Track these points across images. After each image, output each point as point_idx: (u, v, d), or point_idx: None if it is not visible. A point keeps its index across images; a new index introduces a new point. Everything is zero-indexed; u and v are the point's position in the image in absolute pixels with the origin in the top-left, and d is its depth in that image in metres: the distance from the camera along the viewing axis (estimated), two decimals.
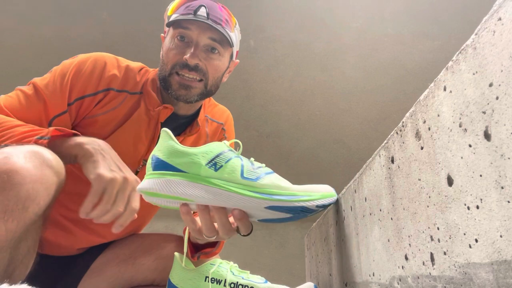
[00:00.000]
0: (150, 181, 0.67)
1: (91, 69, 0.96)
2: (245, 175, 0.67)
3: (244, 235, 0.73)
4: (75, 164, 0.83)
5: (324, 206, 0.71)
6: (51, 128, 0.82)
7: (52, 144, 0.79)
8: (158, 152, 0.69)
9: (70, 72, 0.94)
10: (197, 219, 0.74)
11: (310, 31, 2.80)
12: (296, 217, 0.71)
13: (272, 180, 0.68)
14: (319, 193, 0.71)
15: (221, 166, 0.66)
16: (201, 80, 0.97)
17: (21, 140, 0.77)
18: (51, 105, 0.91)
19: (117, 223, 0.80)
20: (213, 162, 0.66)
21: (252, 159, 0.71)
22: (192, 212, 0.72)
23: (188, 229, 0.86)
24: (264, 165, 0.72)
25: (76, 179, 0.93)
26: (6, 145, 0.74)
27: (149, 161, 0.68)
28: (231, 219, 0.74)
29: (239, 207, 0.67)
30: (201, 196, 0.65)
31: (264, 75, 2.71)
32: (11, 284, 0.57)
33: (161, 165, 0.67)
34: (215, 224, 0.72)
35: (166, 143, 0.68)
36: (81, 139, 0.83)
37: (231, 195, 0.65)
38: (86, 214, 0.78)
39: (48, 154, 0.74)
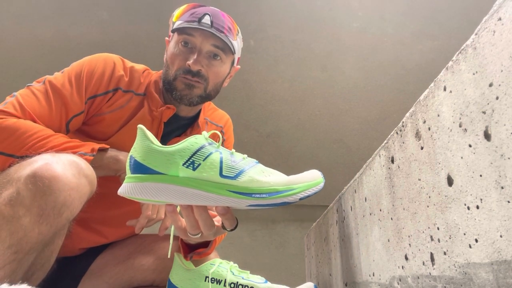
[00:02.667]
0: (129, 186, 0.65)
1: (102, 69, 0.99)
2: (224, 173, 0.65)
3: (229, 230, 0.73)
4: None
5: (308, 196, 0.69)
6: (92, 145, 0.86)
7: (94, 159, 0.84)
8: (134, 152, 0.67)
9: (83, 72, 0.97)
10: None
11: (310, 31, 2.80)
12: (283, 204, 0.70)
13: (253, 176, 0.65)
14: (302, 184, 0.67)
15: (199, 164, 0.65)
16: (201, 83, 1.01)
17: (63, 151, 0.80)
18: (71, 105, 0.93)
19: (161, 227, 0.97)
20: (191, 161, 0.65)
21: (233, 150, 0.69)
22: (178, 210, 0.72)
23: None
24: (245, 156, 0.69)
25: None
26: (46, 151, 0.77)
27: (128, 161, 0.67)
28: (217, 218, 0.76)
29: (220, 206, 0.67)
30: (181, 199, 0.65)
31: (264, 75, 2.71)
32: (11, 284, 0.58)
33: (138, 168, 0.65)
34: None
35: (142, 142, 0.67)
36: (118, 154, 0.92)
37: (211, 196, 0.64)
38: (141, 229, 0.95)
39: (84, 164, 0.78)
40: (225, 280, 0.91)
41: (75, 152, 0.81)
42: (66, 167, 0.73)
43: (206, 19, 0.97)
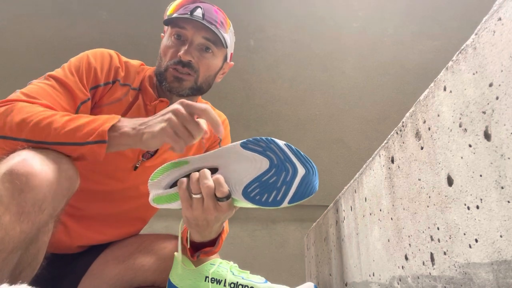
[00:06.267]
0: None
1: (101, 61, 1.00)
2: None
3: (220, 199, 0.77)
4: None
5: (296, 152, 0.77)
6: (98, 126, 0.78)
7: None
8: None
9: (82, 64, 0.98)
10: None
11: (310, 31, 2.80)
12: (276, 169, 0.75)
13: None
14: None
15: None
16: (191, 75, 1.02)
17: (72, 139, 0.76)
18: (77, 92, 0.94)
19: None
20: None
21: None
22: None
23: (183, 225, 0.90)
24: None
25: None
26: (23, 148, 0.75)
27: None
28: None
29: (220, 157, 0.78)
30: (193, 156, 0.81)
31: (264, 75, 2.71)
32: (11, 284, 0.58)
33: None
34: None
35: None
36: (120, 127, 0.80)
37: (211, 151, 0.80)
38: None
39: (64, 159, 0.76)
40: (225, 280, 0.91)
41: (90, 139, 0.76)
42: (44, 163, 0.72)
43: (198, 12, 0.99)
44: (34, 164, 0.70)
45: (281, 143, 0.76)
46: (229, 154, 0.77)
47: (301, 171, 0.74)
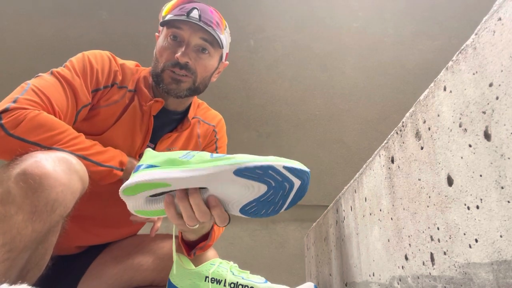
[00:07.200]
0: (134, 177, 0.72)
1: (101, 64, 1.01)
2: (214, 156, 0.71)
3: (221, 226, 0.77)
4: None
5: (294, 171, 0.69)
6: (118, 156, 0.92)
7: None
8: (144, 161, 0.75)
9: (87, 66, 0.98)
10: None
11: (310, 31, 2.79)
12: (274, 190, 0.70)
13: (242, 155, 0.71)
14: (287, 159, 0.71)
15: (193, 155, 0.73)
16: (189, 76, 1.02)
17: (90, 157, 0.85)
18: (80, 96, 0.95)
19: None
20: (186, 154, 0.74)
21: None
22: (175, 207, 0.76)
23: (176, 228, 0.90)
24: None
25: None
26: (36, 150, 0.77)
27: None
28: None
29: (210, 181, 0.70)
30: (176, 176, 0.70)
31: (264, 75, 2.71)
32: (11, 284, 0.58)
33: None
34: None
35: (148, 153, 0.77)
36: (132, 160, 0.97)
37: (198, 169, 0.70)
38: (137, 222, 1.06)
39: (74, 161, 0.78)
40: (225, 280, 0.92)
41: (106, 163, 0.87)
42: (56, 164, 0.73)
43: (195, 13, 0.98)
44: (47, 165, 0.72)
45: (279, 166, 0.69)
46: (221, 180, 0.70)
47: (297, 183, 0.72)
